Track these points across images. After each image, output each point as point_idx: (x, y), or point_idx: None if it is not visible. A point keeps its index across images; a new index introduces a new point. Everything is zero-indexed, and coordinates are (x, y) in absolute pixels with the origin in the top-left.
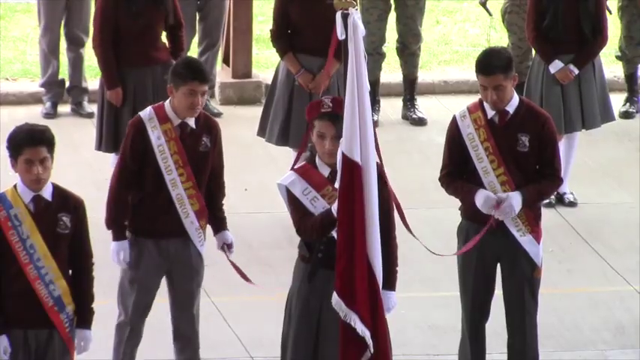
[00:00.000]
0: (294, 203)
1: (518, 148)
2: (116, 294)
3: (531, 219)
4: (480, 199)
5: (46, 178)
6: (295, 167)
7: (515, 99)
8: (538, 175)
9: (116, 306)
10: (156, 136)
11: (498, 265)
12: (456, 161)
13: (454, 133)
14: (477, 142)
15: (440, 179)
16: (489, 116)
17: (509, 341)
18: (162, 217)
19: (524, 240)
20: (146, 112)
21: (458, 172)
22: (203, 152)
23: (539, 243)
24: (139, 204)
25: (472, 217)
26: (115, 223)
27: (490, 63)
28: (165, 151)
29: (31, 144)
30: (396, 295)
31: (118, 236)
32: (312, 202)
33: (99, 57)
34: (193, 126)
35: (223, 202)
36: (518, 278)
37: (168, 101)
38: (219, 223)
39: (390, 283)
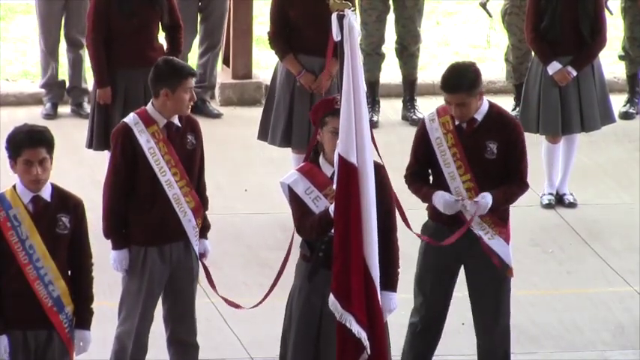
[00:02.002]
0: (296, 202)
1: (486, 156)
2: (115, 295)
3: (497, 220)
4: (440, 201)
5: (45, 178)
6: (298, 166)
7: (485, 106)
8: (505, 180)
9: (116, 307)
10: (145, 139)
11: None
12: (421, 162)
13: (423, 135)
14: (445, 146)
15: (405, 177)
16: (457, 122)
17: (478, 342)
18: (162, 221)
19: (494, 243)
20: (130, 118)
21: (422, 173)
22: (190, 150)
23: (508, 243)
24: (137, 214)
25: (436, 218)
26: (114, 232)
27: (454, 82)
28: (156, 153)
29: (30, 145)
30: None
31: (118, 245)
32: (314, 202)
33: (91, 55)
34: (178, 124)
35: (208, 207)
36: (489, 280)
37: (150, 104)
38: (200, 231)
39: (391, 284)
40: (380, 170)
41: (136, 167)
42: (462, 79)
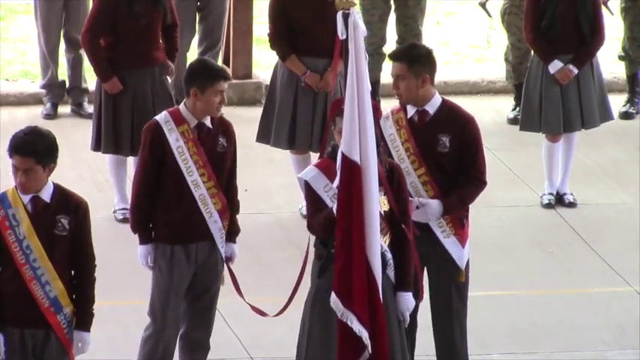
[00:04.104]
0: (311, 198)
1: (438, 149)
2: (115, 295)
3: (455, 221)
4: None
5: (33, 187)
6: (316, 162)
7: (437, 99)
8: (461, 178)
9: (116, 307)
10: (174, 138)
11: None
12: None
13: (381, 136)
14: (398, 142)
15: None
16: (409, 115)
17: (436, 346)
18: (187, 221)
19: (448, 242)
20: (161, 116)
21: None
22: (221, 152)
23: (463, 247)
24: (162, 211)
25: None
26: (140, 227)
27: (398, 51)
28: (184, 153)
29: (17, 153)
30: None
31: (144, 240)
32: (332, 199)
33: (88, 52)
34: (210, 126)
35: (239, 211)
36: (445, 282)
37: (182, 104)
38: (228, 235)
39: (405, 284)
40: (396, 170)
41: (163, 165)
42: (407, 50)
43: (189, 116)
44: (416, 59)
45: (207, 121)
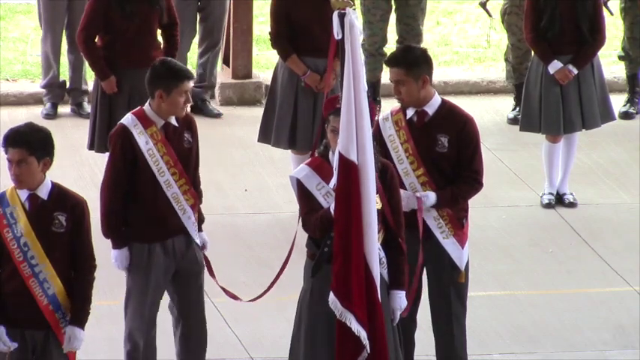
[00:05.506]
0: (304, 197)
1: (437, 149)
2: (115, 294)
3: (454, 222)
4: (404, 199)
5: (28, 181)
6: (308, 160)
7: (437, 100)
8: (457, 178)
9: (117, 307)
10: (144, 141)
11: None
12: None
13: (376, 136)
14: (398, 143)
15: None
16: (409, 116)
17: (436, 346)
18: (163, 220)
19: (447, 242)
20: (128, 119)
21: None
22: (187, 148)
23: (463, 247)
24: (137, 213)
25: None
26: (113, 232)
27: (395, 56)
28: (155, 154)
29: (7, 144)
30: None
31: (117, 244)
32: (325, 197)
33: (84, 51)
34: (175, 124)
35: (202, 200)
36: (444, 283)
37: (147, 105)
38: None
39: (399, 282)
40: (389, 169)
41: (135, 168)
42: (403, 55)
43: (155, 117)
44: (413, 62)
45: (173, 120)
